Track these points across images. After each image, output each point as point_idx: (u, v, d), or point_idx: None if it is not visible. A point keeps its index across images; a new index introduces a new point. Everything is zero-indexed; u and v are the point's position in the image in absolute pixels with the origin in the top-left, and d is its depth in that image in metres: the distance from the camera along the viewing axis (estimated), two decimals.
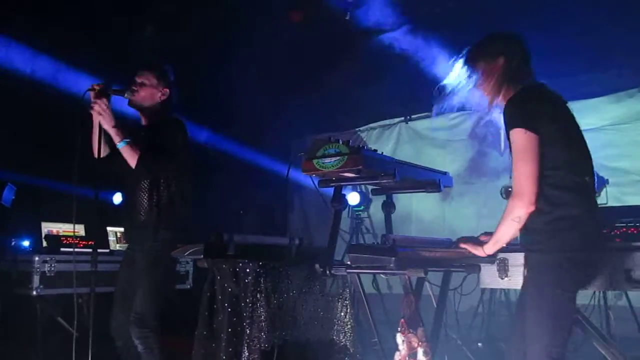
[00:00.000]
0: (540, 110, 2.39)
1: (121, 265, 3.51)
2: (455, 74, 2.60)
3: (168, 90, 3.47)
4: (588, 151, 2.52)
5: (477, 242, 2.62)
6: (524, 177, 2.33)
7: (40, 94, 5.39)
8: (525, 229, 2.48)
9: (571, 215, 2.36)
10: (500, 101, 2.51)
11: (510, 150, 2.44)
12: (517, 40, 2.57)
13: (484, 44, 2.60)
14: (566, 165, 2.38)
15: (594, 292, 3.99)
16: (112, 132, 3.23)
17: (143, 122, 3.53)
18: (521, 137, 2.33)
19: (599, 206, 4.15)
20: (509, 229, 2.42)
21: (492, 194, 5.47)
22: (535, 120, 2.35)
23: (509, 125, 2.38)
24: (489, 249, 2.53)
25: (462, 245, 2.63)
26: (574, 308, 2.49)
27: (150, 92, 3.43)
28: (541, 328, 2.36)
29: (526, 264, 2.50)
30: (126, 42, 5.67)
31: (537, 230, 2.41)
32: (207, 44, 6.06)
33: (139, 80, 3.44)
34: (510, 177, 2.48)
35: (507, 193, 4.56)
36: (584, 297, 4.30)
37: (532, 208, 2.34)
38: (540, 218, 2.38)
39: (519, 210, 2.35)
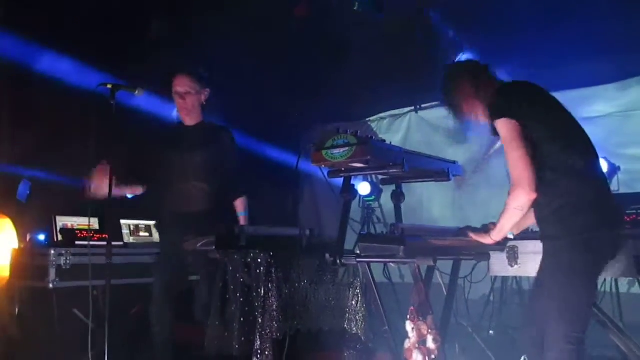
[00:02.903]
0: (519, 98, 2.47)
1: (164, 258, 3.65)
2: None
3: (209, 90, 3.69)
4: (585, 133, 2.54)
5: (483, 230, 2.64)
6: (516, 164, 2.37)
7: (54, 89, 5.43)
8: (537, 220, 2.51)
9: (580, 198, 2.37)
10: (483, 109, 2.62)
11: None
12: (466, 62, 2.85)
13: (447, 84, 2.75)
14: (565, 148, 2.41)
15: (605, 279, 3.98)
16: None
17: (187, 122, 3.69)
18: (504, 127, 2.40)
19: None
20: (511, 218, 2.45)
21: (504, 182, 5.47)
22: (516, 107, 2.42)
23: (492, 118, 2.47)
24: (495, 236, 2.56)
25: (469, 234, 2.66)
26: (594, 292, 2.50)
27: (197, 99, 3.63)
28: (559, 314, 2.37)
29: (543, 253, 2.51)
30: (134, 36, 5.69)
31: (546, 219, 2.43)
32: (215, 35, 6.07)
33: (182, 90, 3.58)
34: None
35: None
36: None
37: (533, 195, 2.36)
38: (546, 207, 2.40)
39: (521, 199, 2.38)
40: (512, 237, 2.88)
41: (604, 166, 4.25)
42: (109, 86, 3.29)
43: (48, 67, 5.48)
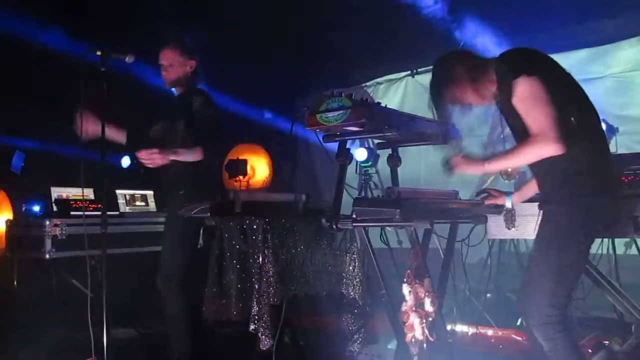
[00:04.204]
0: (531, 57, 2.41)
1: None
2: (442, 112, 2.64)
3: (194, 62, 3.63)
4: (587, 99, 2.49)
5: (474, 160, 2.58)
6: (544, 118, 2.26)
7: (46, 59, 5.36)
8: (539, 181, 2.48)
9: (580, 161, 2.34)
10: (485, 87, 2.52)
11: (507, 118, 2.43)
12: (453, 50, 2.64)
13: (438, 76, 2.63)
14: (571, 110, 2.36)
15: (602, 240, 3.99)
16: (172, 160, 3.36)
17: (177, 92, 3.68)
18: (526, 84, 2.30)
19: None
20: (520, 161, 2.44)
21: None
22: (535, 64, 2.34)
23: (510, 75, 2.34)
24: (490, 166, 2.54)
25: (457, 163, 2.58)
26: (585, 259, 2.49)
27: (181, 70, 3.59)
28: (546, 278, 2.36)
29: (542, 219, 2.49)
30: (130, 6, 5.60)
31: (549, 181, 2.40)
32: (209, 3, 5.97)
33: (166, 62, 3.57)
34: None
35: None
36: (592, 245, 4.30)
37: (560, 149, 2.25)
38: (549, 169, 2.37)
39: (547, 149, 2.28)
40: (510, 207, 2.86)
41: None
42: (99, 53, 3.23)
43: (38, 37, 5.40)
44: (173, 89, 3.69)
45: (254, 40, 6.33)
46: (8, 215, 4.78)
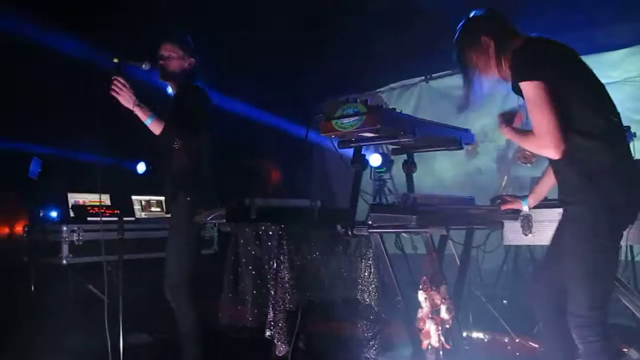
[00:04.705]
0: (547, 57, 2.37)
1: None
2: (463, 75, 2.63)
3: (193, 60, 3.56)
4: (609, 98, 2.46)
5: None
6: (542, 122, 2.28)
7: (64, 66, 5.43)
8: (560, 182, 2.46)
9: (603, 160, 2.31)
10: (504, 67, 2.51)
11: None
12: (485, 14, 2.60)
13: (462, 36, 2.61)
14: (590, 107, 2.34)
15: (620, 247, 3.93)
16: (136, 110, 3.29)
17: (172, 91, 3.61)
18: (529, 89, 2.31)
19: None
20: (522, 143, 2.49)
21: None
22: (543, 67, 2.32)
23: (518, 78, 2.36)
24: (508, 133, 2.56)
25: None
26: (617, 258, 2.46)
27: (177, 64, 3.51)
28: (582, 281, 2.34)
29: (564, 217, 2.48)
30: (143, 8, 5.64)
31: (571, 180, 2.38)
32: (223, 6, 6.00)
33: (165, 54, 3.51)
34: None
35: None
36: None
37: (558, 153, 2.29)
38: (572, 167, 2.35)
39: (545, 151, 2.33)
40: (527, 209, 2.84)
41: None
42: (116, 60, 3.27)
43: (55, 44, 5.46)
44: (170, 92, 3.61)
45: (268, 46, 6.35)
46: (22, 219, 4.84)
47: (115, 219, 4.50)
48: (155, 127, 3.31)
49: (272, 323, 2.78)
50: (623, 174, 2.33)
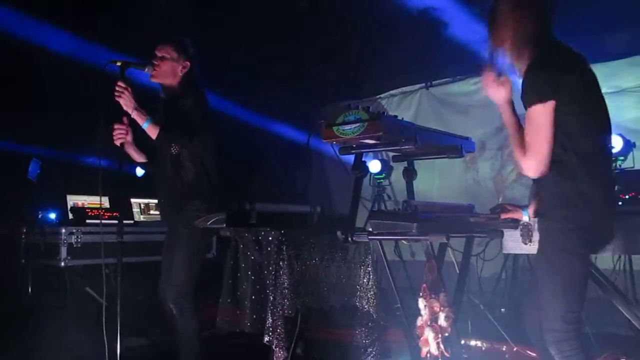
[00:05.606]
0: (559, 78, 2.33)
1: (165, 236, 3.60)
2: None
3: (189, 63, 3.47)
4: (606, 116, 2.46)
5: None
6: (537, 145, 2.31)
7: (64, 68, 5.42)
8: (541, 195, 2.47)
9: (583, 189, 2.32)
10: (518, 60, 2.47)
11: None
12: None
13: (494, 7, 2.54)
14: (587, 132, 2.34)
15: (620, 257, 3.94)
16: (134, 114, 3.27)
17: (164, 95, 3.53)
18: (533, 109, 2.31)
19: (626, 170, 4.11)
20: (514, 149, 2.45)
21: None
22: (553, 88, 2.30)
23: (527, 95, 2.34)
24: (505, 114, 2.51)
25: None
26: (587, 269, 2.46)
27: (171, 66, 3.43)
28: (553, 294, 2.34)
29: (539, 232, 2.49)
30: (146, 11, 5.65)
31: (549, 198, 2.40)
32: (226, 13, 6.01)
33: (159, 54, 3.44)
34: None
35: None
36: (609, 261, 4.26)
37: (539, 175, 2.34)
38: (553, 185, 2.36)
39: (527, 171, 2.37)
40: (527, 218, 2.84)
41: (619, 143, 4.18)
42: (119, 64, 3.26)
43: (55, 45, 5.46)
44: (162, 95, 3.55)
45: (270, 53, 6.36)
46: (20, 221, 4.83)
47: (115, 221, 4.50)
48: (152, 131, 3.28)
49: (271, 328, 2.76)
50: (597, 206, 2.35)
